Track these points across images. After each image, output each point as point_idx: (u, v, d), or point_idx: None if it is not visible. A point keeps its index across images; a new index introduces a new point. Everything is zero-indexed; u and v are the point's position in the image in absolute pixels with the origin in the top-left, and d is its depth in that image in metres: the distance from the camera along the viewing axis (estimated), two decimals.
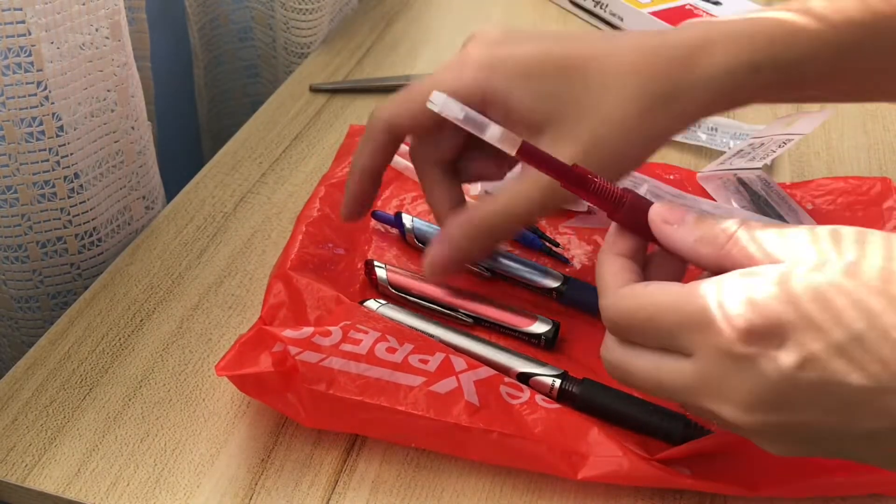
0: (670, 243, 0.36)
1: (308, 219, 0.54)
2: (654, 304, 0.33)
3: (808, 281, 0.30)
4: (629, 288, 0.35)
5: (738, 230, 0.33)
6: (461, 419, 0.41)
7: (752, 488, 0.40)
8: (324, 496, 0.41)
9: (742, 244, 0.33)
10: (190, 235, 0.57)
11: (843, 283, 0.30)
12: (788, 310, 0.30)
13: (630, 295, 0.34)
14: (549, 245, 0.55)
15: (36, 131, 0.50)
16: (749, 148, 0.62)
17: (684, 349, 0.32)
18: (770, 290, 0.30)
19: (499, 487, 0.42)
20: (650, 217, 0.36)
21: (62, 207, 0.54)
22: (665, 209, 0.36)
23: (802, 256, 0.31)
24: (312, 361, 0.42)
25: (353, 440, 0.44)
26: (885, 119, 0.71)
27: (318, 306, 0.46)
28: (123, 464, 0.42)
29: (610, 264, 0.37)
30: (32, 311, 0.57)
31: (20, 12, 0.47)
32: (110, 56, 0.53)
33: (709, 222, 0.35)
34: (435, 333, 0.46)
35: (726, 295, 0.31)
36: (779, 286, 0.30)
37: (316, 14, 0.78)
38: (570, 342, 0.49)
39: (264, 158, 0.64)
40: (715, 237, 0.34)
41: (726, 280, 0.31)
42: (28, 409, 0.45)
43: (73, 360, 0.48)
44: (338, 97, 0.72)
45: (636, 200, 0.37)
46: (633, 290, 0.34)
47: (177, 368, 0.47)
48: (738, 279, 0.31)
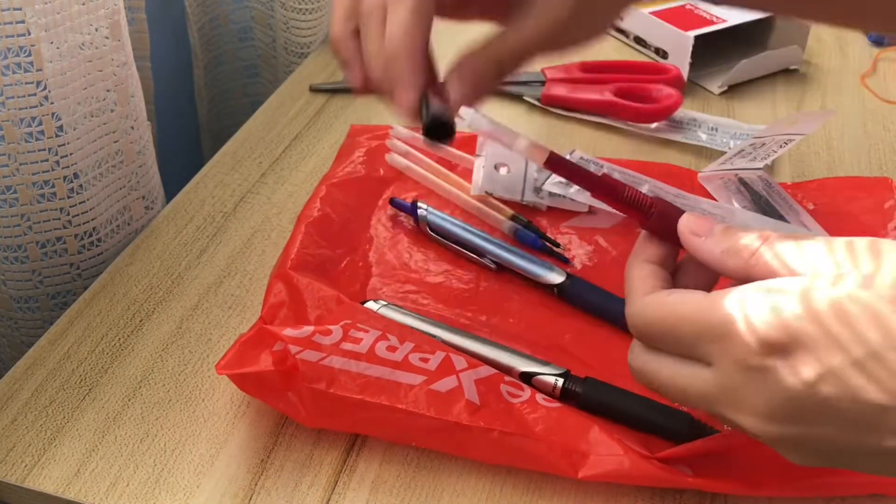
0: (699, 254, 0.36)
1: (308, 219, 0.54)
2: (676, 313, 0.33)
3: (827, 295, 0.30)
4: (654, 296, 0.35)
5: (760, 246, 0.34)
6: (461, 418, 0.41)
7: (753, 488, 0.40)
8: (324, 496, 0.41)
9: (765, 259, 0.34)
10: (190, 235, 0.57)
11: (861, 297, 0.30)
12: (807, 324, 0.30)
13: (654, 303, 0.35)
14: (550, 245, 0.55)
15: (35, 131, 0.50)
16: (750, 148, 0.62)
17: (704, 358, 0.33)
18: (789, 304, 0.31)
19: (499, 487, 0.42)
20: (679, 228, 0.37)
21: (62, 207, 0.53)
22: (693, 220, 0.37)
23: (821, 269, 0.32)
24: (313, 360, 0.42)
25: (353, 440, 0.44)
26: (885, 119, 0.71)
27: (318, 306, 0.46)
28: (123, 464, 0.42)
29: (638, 270, 0.37)
30: (32, 311, 0.57)
31: (20, 12, 0.47)
32: (110, 56, 0.53)
33: (735, 235, 0.35)
34: (435, 333, 0.46)
35: (746, 307, 0.31)
36: (798, 300, 0.30)
37: (316, 14, 0.78)
38: (570, 341, 0.49)
39: (264, 158, 0.64)
40: (739, 251, 0.34)
41: (748, 292, 0.32)
42: (28, 409, 0.45)
43: (72, 360, 0.48)
44: (338, 97, 0.72)
45: (666, 208, 0.38)
46: (658, 298, 0.35)
47: (176, 368, 0.47)
48: (758, 292, 0.32)
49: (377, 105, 0.71)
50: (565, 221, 0.58)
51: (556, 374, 0.44)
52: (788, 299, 0.31)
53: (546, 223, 0.57)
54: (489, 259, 0.53)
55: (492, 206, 0.58)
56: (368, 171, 0.60)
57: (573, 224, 0.57)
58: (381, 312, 0.47)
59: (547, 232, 0.56)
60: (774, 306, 0.31)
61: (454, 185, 0.60)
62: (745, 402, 0.32)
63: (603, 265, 0.54)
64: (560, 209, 0.58)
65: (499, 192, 0.58)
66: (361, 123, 0.67)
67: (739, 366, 0.31)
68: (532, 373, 0.44)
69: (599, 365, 0.47)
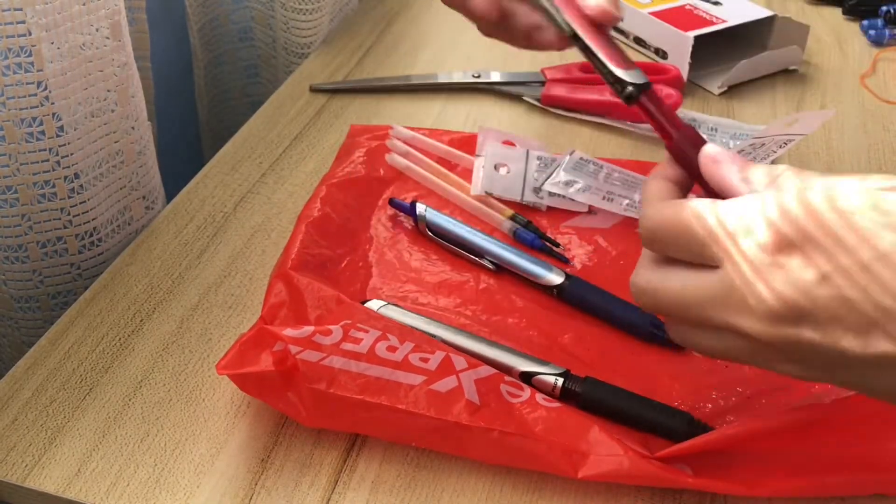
0: (716, 179, 0.38)
1: (308, 219, 0.54)
2: (692, 213, 0.35)
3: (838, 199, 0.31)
4: (670, 202, 0.37)
5: (780, 176, 0.35)
6: (461, 418, 0.41)
7: (753, 488, 0.40)
8: (324, 496, 0.41)
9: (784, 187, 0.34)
10: (190, 235, 0.57)
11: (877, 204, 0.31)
12: (818, 224, 0.31)
13: (670, 206, 0.36)
14: (550, 245, 0.55)
15: (36, 131, 0.50)
16: (750, 148, 0.61)
17: (713, 260, 0.34)
18: (801, 206, 0.32)
19: (499, 487, 0.42)
20: (702, 153, 0.39)
21: (62, 207, 0.54)
22: (716, 148, 0.39)
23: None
24: (313, 360, 0.42)
25: (353, 440, 0.44)
26: (885, 119, 0.71)
27: (318, 306, 0.46)
28: (123, 464, 0.42)
29: (656, 182, 0.39)
30: (32, 311, 0.57)
31: (20, 12, 0.47)
32: (110, 56, 0.53)
33: (753, 166, 0.37)
34: (435, 333, 0.46)
35: (761, 207, 0.33)
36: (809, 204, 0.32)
37: (316, 14, 0.78)
38: (570, 341, 0.49)
39: (264, 158, 0.64)
40: (757, 180, 0.36)
41: (762, 195, 0.33)
42: (28, 409, 0.45)
43: (73, 360, 0.48)
44: (338, 97, 0.72)
45: (692, 133, 0.40)
46: (673, 203, 0.36)
47: (177, 368, 0.47)
48: (774, 194, 0.33)
49: (377, 105, 0.71)
50: (565, 221, 0.58)
51: (556, 374, 0.44)
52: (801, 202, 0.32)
53: (546, 223, 0.57)
54: (488, 259, 0.53)
55: (491, 206, 0.58)
56: (368, 171, 0.60)
57: (573, 224, 0.57)
58: (382, 312, 0.47)
59: (547, 232, 0.56)
60: (787, 207, 0.32)
61: (454, 185, 0.60)
62: (751, 300, 0.32)
63: (603, 265, 0.54)
64: (560, 209, 0.58)
65: (498, 192, 0.58)
66: (361, 123, 0.67)
67: (752, 261, 0.32)
68: (532, 373, 0.44)
69: (599, 365, 0.47)
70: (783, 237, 0.32)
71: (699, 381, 0.46)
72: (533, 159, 0.61)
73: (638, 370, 0.47)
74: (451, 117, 0.70)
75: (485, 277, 0.53)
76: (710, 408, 0.45)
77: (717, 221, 0.34)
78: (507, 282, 0.53)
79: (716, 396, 0.45)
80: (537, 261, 0.52)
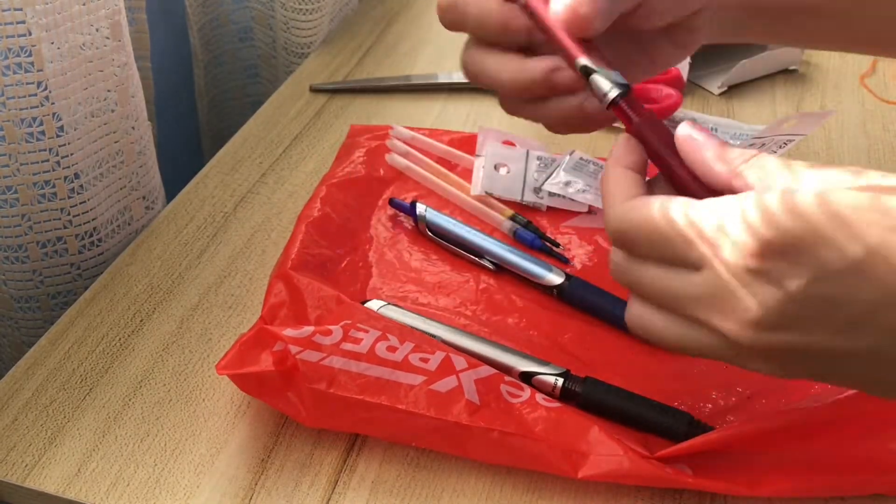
0: (691, 157, 0.36)
1: (308, 219, 0.54)
2: (666, 216, 0.33)
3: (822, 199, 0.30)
4: (639, 200, 0.35)
5: (752, 157, 0.34)
6: (461, 418, 0.41)
7: (753, 488, 0.40)
8: (324, 496, 0.41)
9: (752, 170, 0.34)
10: (190, 235, 0.57)
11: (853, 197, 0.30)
12: (803, 226, 0.30)
13: (640, 206, 0.34)
14: (550, 245, 0.55)
15: (36, 131, 0.50)
16: (749, 148, 0.61)
17: (695, 263, 0.32)
18: (785, 208, 0.30)
19: (499, 487, 0.42)
20: (678, 133, 0.37)
21: (62, 207, 0.54)
22: (691, 126, 0.37)
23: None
24: (313, 360, 0.42)
25: (353, 440, 0.44)
26: (884, 119, 0.71)
27: (318, 306, 0.46)
28: (123, 464, 0.42)
29: (617, 175, 0.37)
30: (32, 311, 0.57)
31: (20, 12, 0.47)
32: (110, 56, 0.53)
33: (728, 145, 0.36)
34: (435, 333, 0.46)
35: (744, 211, 0.31)
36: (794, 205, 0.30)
37: (316, 14, 0.78)
38: (570, 341, 0.49)
39: (264, 158, 0.64)
40: (730, 159, 0.35)
41: (742, 197, 0.32)
42: (28, 409, 0.45)
43: (73, 360, 0.48)
44: (338, 97, 0.72)
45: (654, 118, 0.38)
46: (643, 202, 0.34)
47: (177, 368, 0.47)
48: (754, 196, 0.31)
49: (377, 105, 0.71)
50: (565, 221, 0.58)
51: (556, 374, 0.44)
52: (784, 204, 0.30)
53: (546, 223, 0.57)
54: (488, 259, 0.53)
55: (491, 206, 0.58)
56: (368, 171, 0.60)
57: (573, 224, 0.57)
58: (382, 312, 0.47)
59: (547, 232, 0.56)
60: (771, 210, 0.30)
61: (454, 185, 0.60)
62: (736, 306, 0.31)
63: (603, 265, 0.54)
64: (560, 209, 0.58)
65: (498, 192, 0.58)
66: (361, 123, 0.67)
67: (736, 269, 0.31)
68: (532, 373, 0.44)
69: (599, 365, 0.47)
70: (767, 242, 0.30)
71: (699, 381, 0.46)
72: (533, 159, 0.61)
73: (638, 370, 0.47)
74: (451, 117, 0.70)
75: (485, 277, 0.53)
76: (710, 408, 0.45)
77: (699, 227, 0.32)
78: (507, 282, 0.53)
79: (716, 396, 0.45)
80: (537, 261, 0.52)
